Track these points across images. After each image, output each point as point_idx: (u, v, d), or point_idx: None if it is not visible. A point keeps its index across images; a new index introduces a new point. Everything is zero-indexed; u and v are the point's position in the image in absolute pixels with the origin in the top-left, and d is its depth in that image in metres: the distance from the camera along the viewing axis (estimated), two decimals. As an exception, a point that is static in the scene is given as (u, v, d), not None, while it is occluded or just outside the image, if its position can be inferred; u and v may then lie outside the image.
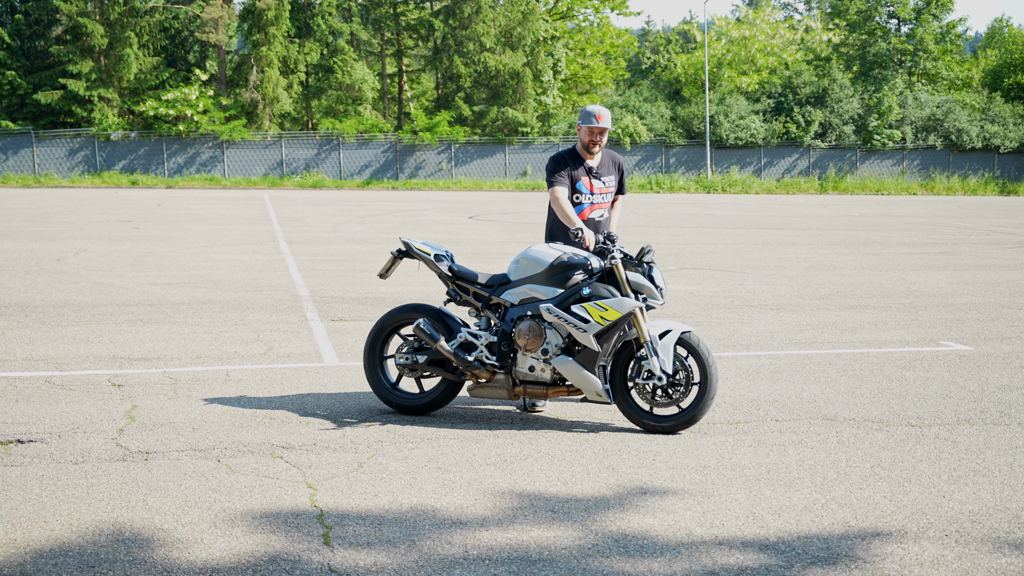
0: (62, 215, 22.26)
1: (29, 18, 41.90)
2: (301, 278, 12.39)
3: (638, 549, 4.16)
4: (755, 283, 12.60)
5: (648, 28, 69.64)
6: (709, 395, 5.78)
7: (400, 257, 6.37)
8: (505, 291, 6.06)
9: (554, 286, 5.92)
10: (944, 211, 30.05)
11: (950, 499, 4.79)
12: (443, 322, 6.17)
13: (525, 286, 6.00)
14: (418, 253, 6.27)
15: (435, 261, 6.23)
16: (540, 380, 5.96)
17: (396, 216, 24.02)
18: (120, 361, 7.55)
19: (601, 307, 5.74)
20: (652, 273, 5.89)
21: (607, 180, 6.57)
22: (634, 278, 5.84)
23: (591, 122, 6.43)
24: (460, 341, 6.08)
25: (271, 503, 4.62)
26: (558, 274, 5.91)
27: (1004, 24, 59.72)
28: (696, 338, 5.86)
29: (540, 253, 6.03)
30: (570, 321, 5.77)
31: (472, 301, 6.18)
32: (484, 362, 6.00)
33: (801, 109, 44.24)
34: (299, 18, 42.86)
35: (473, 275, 6.20)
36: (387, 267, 6.50)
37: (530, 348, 5.88)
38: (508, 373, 6.02)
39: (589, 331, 5.75)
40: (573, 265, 5.90)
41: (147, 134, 39.63)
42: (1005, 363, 7.98)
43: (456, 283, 6.22)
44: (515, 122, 42.46)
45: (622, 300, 5.75)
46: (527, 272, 6.02)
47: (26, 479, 4.88)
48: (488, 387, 6.07)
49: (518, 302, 6.01)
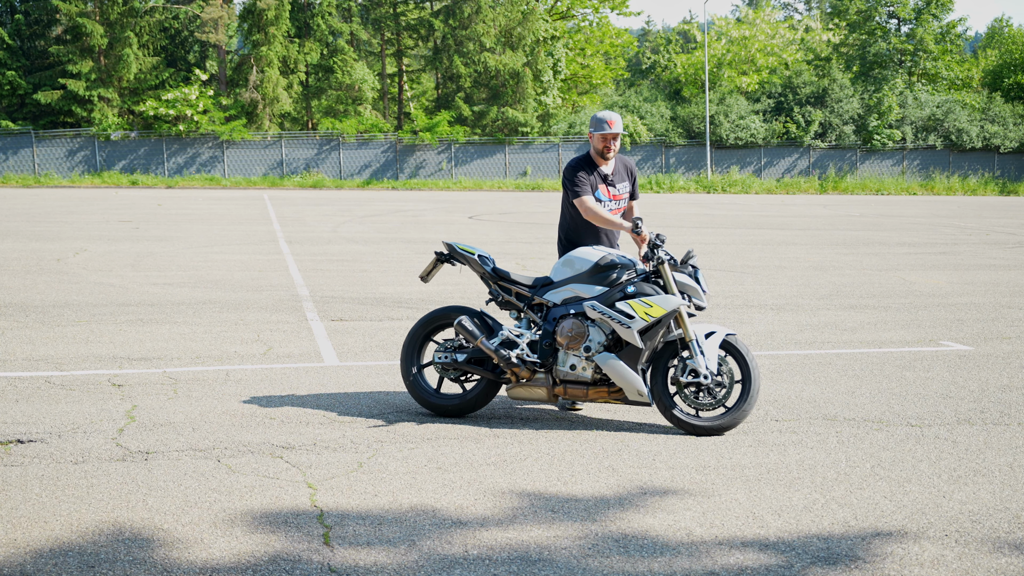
0: (62, 215, 22.26)
1: (29, 18, 41.90)
2: (301, 278, 12.39)
3: (638, 549, 4.16)
4: (755, 283, 12.60)
5: (648, 28, 69.66)
6: (753, 392, 5.78)
7: (442, 260, 6.35)
8: (548, 291, 6.07)
9: (599, 284, 5.91)
10: (944, 211, 30.05)
11: (950, 499, 4.79)
12: (483, 321, 6.18)
13: (569, 286, 6.00)
14: (462, 254, 6.28)
15: (478, 262, 6.23)
16: (581, 379, 5.93)
17: (396, 216, 24.02)
18: (120, 361, 7.55)
19: (646, 304, 5.74)
20: (697, 275, 5.92)
21: (621, 187, 6.52)
22: (680, 279, 5.85)
23: (604, 128, 6.33)
24: (501, 339, 6.06)
25: (271, 503, 4.62)
26: (603, 272, 5.92)
27: (1004, 24, 59.75)
28: (736, 339, 5.89)
29: (585, 254, 6.04)
30: (614, 317, 5.76)
31: (514, 301, 6.16)
32: (525, 360, 5.97)
33: (801, 109, 44.25)
34: (299, 18, 42.88)
35: (513, 275, 6.21)
36: (428, 269, 6.46)
37: (572, 346, 5.87)
38: (548, 372, 6.00)
39: (633, 327, 5.74)
40: (617, 264, 5.91)
41: (147, 134, 39.64)
42: (1005, 363, 7.98)
43: (499, 284, 6.21)
44: (515, 122, 42.47)
45: (667, 297, 5.75)
46: (571, 272, 6.02)
47: (26, 479, 4.88)
48: (528, 387, 6.03)
49: (561, 302, 6.01)
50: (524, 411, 6.40)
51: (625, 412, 6.41)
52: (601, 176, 6.44)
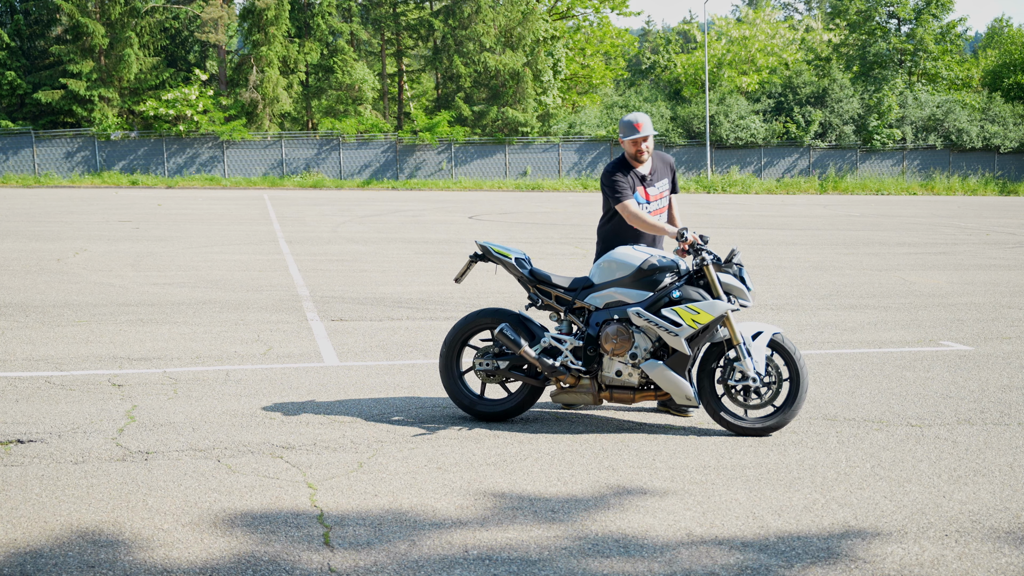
0: (62, 215, 22.26)
1: (29, 18, 41.91)
2: (301, 278, 12.39)
3: (638, 549, 4.16)
4: (755, 283, 12.60)
5: (648, 28, 69.65)
6: (802, 390, 5.74)
7: (476, 261, 6.23)
8: (589, 295, 5.95)
9: (642, 289, 5.81)
10: (944, 211, 30.05)
11: (950, 499, 4.79)
12: (524, 327, 6.05)
13: (611, 289, 5.88)
14: (497, 256, 6.12)
15: (515, 265, 6.09)
16: (627, 385, 5.86)
17: (396, 216, 24.02)
18: (120, 361, 7.55)
19: (693, 310, 5.66)
20: (742, 274, 5.84)
21: (660, 185, 6.41)
22: (726, 279, 5.77)
23: (633, 133, 6.22)
24: (544, 346, 5.96)
25: (271, 503, 4.62)
26: (646, 277, 5.80)
27: (1004, 24, 59.75)
28: (783, 337, 5.82)
29: (626, 256, 5.91)
30: (661, 325, 5.68)
31: (554, 305, 6.05)
32: (570, 367, 5.90)
33: (801, 109, 44.25)
34: (299, 18, 42.87)
35: (552, 278, 6.08)
36: (463, 271, 6.33)
37: (618, 353, 5.79)
38: (593, 378, 5.91)
39: (681, 335, 5.67)
40: (662, 268, 5.79)
41: (147, 134, 39.63)
42: (1005, 363, 7.98)
43: (537, 287, 6.09)
44: (515, 122, 42.47)
45: (714, 303, 5.67)
46: (612, 275, 5.90)
47: (26, 479, 4.88)
48: (573, 392, 5.96)
49: (603, 306, 5.89)
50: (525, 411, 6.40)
51: (625, 412, 6.41)
52: (639, 177, 6.34)
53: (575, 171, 42.41)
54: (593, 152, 42.69)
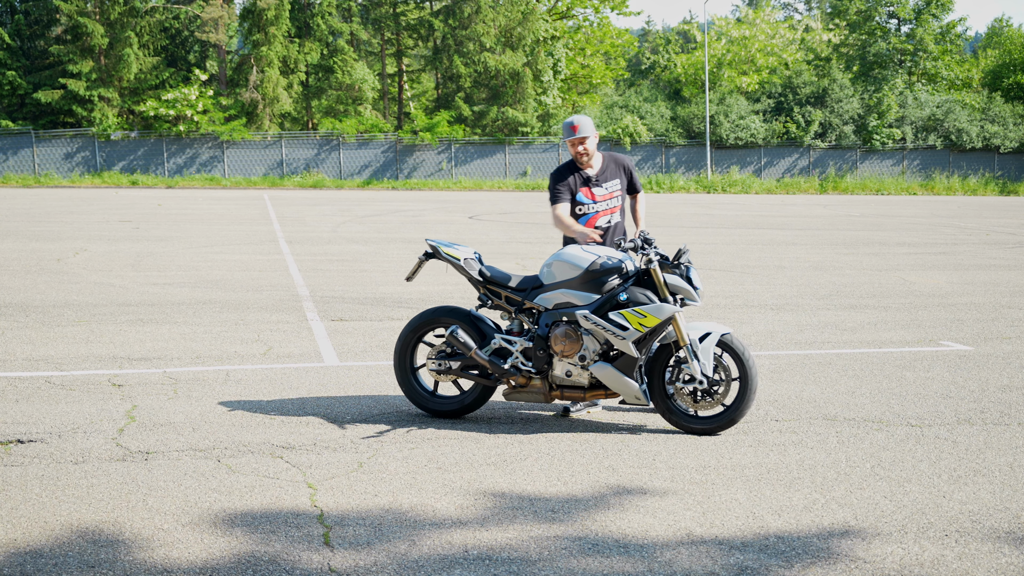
0: (62, 215, 22.26)
1: (29, 18, 41.91)
2: (301, 278, 12.39)
3: (638, 549, 4.16)
4: (755, 283, 12.60)
5: (648, 28, 69.64)
6: (751, 389, 5.76)
7: (427, 259, 6.24)
8: (539, 295, 5.96)
9: (589, 291, 5.82)
10: (944, 211, 30.05)
11: (950, 499, 4.79)
12: (475, 327, 6.07)
13: (559, 291, 5.89)
14: (446, 257, 6.14)
15: (464, 265, 6.11)
16: (577, 384, 5.90)
17: (396, 216, 24.02)
18: (120, 361, 7.55)
19: (640, 314, 5.68)
20: (689, 274, 5.84)
21: (609, 185, 6.45)
22: (672, 280, 5.78)
23: (570, 134, 6.31)
24: (494, 347, 5.99)
25: (271, 503, 4.62)
26: (594, 279, 5.81)
27: (1004, 24, 59.74)
28: (732, 337, 5.83)
29: (574, 257, 5.91)
30: (608, 328, 5.71)
31: (504, 305, 6.08)
32: (520, 368, 5.94)
33: (801, 109, 44.25)
34: (299, 18, 42.87)
35: (505, 277, 6.08)
36: (414, 270, 6.37)
37: (567, 354, 5.81)
38: (544, 378, 5.94)
39: (628, 338, 5.69)
40: (609, 270, 5.80)
41: (147, 134, 39.63)
42: (1005, 363, 7.98)
43: (487, 287, 6.11)
44: (515, 122, 42.47)
45: (661, 306, 5.68)
46: (561, 276, 5.90)
47: (26, 479, 4.88)
48: (524, 392, 6.00)
49: (552, 307, 5.91)
50: (524, 411, 6.40)
51: (625, 413, 6.41)
52: (584, 178, 6.39)
53: (575, 171, 42.38)
54: (593, 152, 42.65)
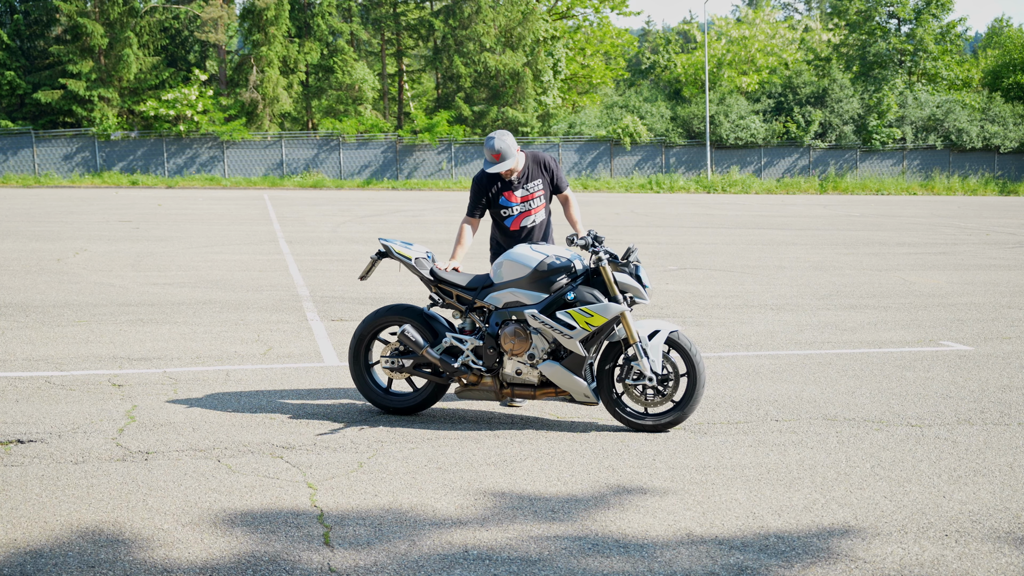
0: (62, 215, 22.26)
1: (29, 18, 41.90)
2: (301, 278, 12.39)
3: (638, 549, 4.16)
4: (755, 283, 12.60)
5: (648, 28, 69.64)
6: (699, 386, 5.80)
7: (380, 258, 6.29)
8: (489, 294, 6.01)
9: (538, 290, 5.87)
10: (944, 211, 30.05)
11: (950, 499, 4.79)
12: (427, 325, 6.13)
13: (509, 290, 5.94)
14: (398, 256, 6.20)
15: (415, 265, 6.16)
16: (527, 383, 5.97)
17: (396, 216, 24.02)
18: (120, 361, 7.55)
19: (587, 313, 5.73)
20: (639, 272, 5.88)
21: (530, 186, 6.44)
22: (621, 278, 5.83)
23: (491, 164, 6.25)
24: (445, 346, 6.06)
25: (271, 503, 4.62)
26: (542, 278, 5.86)
27: (1004, 24, 59.75)
28: (679, 335, 5.88)
29: (522, 257, 5.96)
30: (556, 328, 5.77)
31: (456, 304, 6.14)
32: (471, 366, 5.99)
33: (801, 109, 44.24)
34: (299, 18, 42.86)
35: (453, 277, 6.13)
36: (367, 269, 6.45)
37: (516, 352, 5.88)
38: (495, 376, 6.00)
39: (575, 337, 5.76)
40: (557, 269, 5.85)
41: (147, 134, 39.62)
42: (1005, 363, 7.98)
43: (439, 286, 6.16)
44: (515, 122, 42.46)
45: (607, 305, 5.74)
46: (510, 276, 5.96)
47: (26, 479, 4.88)
48: (476, 390, 6.07)
49: (502, 305, 5.97)
50: (524, 411, 6.40)
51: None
52: (505, 182, 6.40)
53: (575, 171, 42.40)
54: (593, 152, 42.69)
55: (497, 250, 6.56)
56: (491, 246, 6.65)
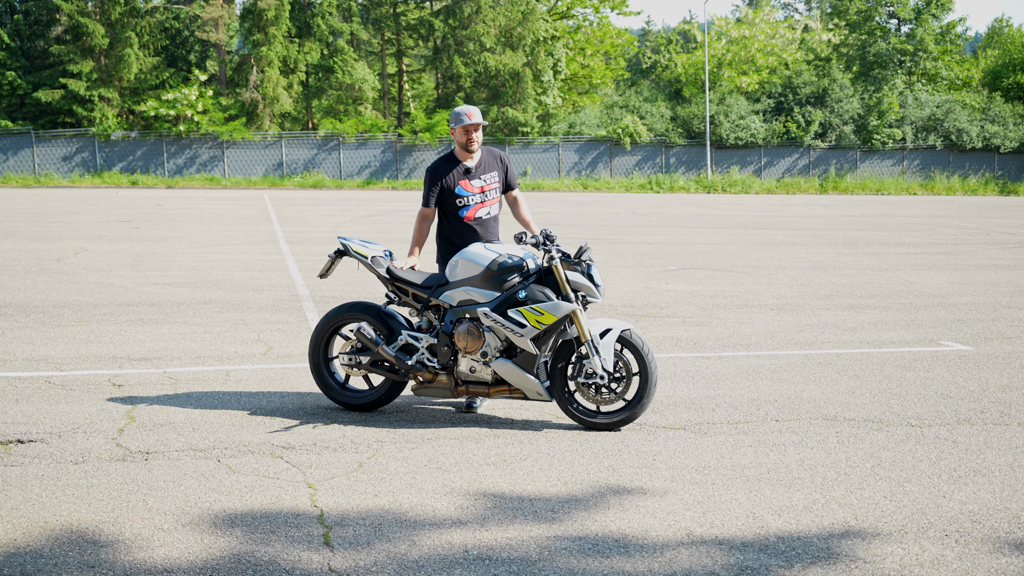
0: (62, 215, 22.25)
1: (29, 18, 41.90)
2: (301, 278, 12.39)
3: (638, 549, 4.16)
4: (755, 283, 12.60)
5: (648, 28, 69.65)
6: (651, 385, 5.82)
7: (339, 257, 6.33)
8: (444, 293, 6.06)
9: (491, 289, 5.92)
10: (944, 211, 30.05)
11: (950, 499, 4.79)
12: (384, 323, 6.17)
13: (462, 288, 6.00)
14: (355, 254, 6.25)
15: (372, 263, 6.20)
16: (481, 380, 6.02)
17: (396, 216, 24.02)
18: (120, 361, 7.55)
19: (537, 311, 5.78)
20: (591, 271, 5.91)
21: (487, 177, 6.45)
22: (573, 277, 5.87)
23: (463, 120, 6.28)
24: (401, 344, 6.10)
25: (271, 503, 4.62)
26: (495, 277, 5.91)
27: (1004, 24, 59.74)
28: (632, 333, 5.89)
29: (475, 255, 6.00)
30: (507, 326, 5.81)
31: (412, 303, 6.19)
32: (426, 364, 6.04)
33: (801, 109, 44.24)
34: (299, 18, 42.86)
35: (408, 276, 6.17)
36: (326, 267, 6.46)
37: (470, 350, 5.93)
38: (450, 374, 6.06)
39: (526, 335, 5.80)
40: (509, 268, 5.90)
41: (147, 134, 39.62)
42: (1005, 363, 7.98)
43: (395, 284, 6.20)
44: (515, 122, 42.45)
45: (558, 304, 5.78)
46: (464, 274, 6.01)
47: (26, 479, 4.88)
48: (431, 387, 6.12)
49: (456, 304, 6.02)
50: (524, 411, 6.40)
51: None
52: (463, 170, 6.39)
53: (575, 171, 42.41)
54: (593, 152, 42.69)
55: (445, 247, 6.43)
56: (438, 244, 6.52)
